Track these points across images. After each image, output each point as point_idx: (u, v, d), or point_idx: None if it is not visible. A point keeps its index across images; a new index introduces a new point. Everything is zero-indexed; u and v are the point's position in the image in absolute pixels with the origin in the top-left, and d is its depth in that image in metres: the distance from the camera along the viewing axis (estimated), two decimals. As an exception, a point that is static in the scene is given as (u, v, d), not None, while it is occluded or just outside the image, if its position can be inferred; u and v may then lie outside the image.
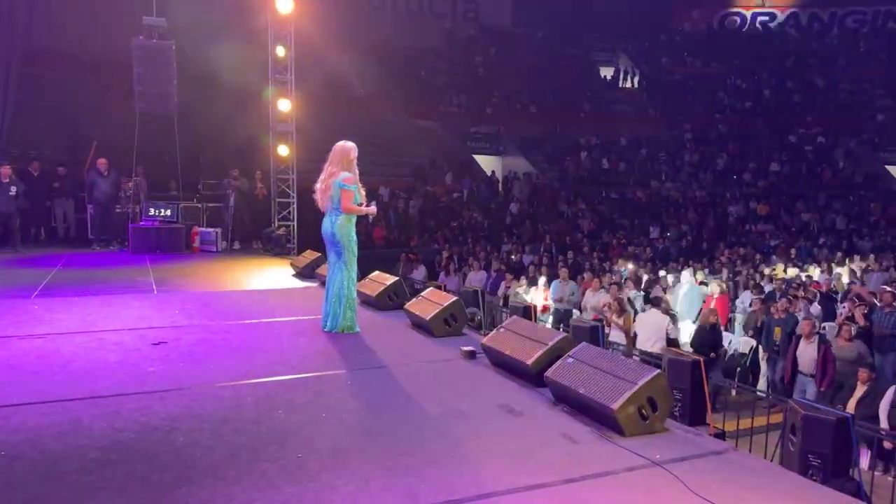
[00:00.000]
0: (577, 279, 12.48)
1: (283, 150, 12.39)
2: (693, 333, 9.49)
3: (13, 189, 10.85)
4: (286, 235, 12.22)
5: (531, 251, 16.94)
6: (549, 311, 11.58)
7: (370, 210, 5.86)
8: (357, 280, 5.89)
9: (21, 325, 5.69)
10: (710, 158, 26.55)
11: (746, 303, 11.28)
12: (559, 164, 25.56)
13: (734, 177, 25.55)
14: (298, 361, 4.84)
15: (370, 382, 4.45)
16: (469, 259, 14.93)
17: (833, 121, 28.41)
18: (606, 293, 10.66)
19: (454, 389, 4.36)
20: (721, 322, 10.22)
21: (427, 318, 5.79)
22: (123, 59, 12.72)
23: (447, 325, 5.80)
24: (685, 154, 26.84)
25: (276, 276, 9.28)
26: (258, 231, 12.81)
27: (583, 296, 11.44)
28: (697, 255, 17.30)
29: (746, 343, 9.69)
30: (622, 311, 9.55)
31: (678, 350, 6.74)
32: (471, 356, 5.05)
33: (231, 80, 14.72)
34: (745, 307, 11.14)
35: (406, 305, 6.35)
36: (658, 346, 8.64)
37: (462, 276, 13.76)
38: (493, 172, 24.45)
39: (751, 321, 10.08)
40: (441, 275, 13.78)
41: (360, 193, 5.64)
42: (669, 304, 9.68)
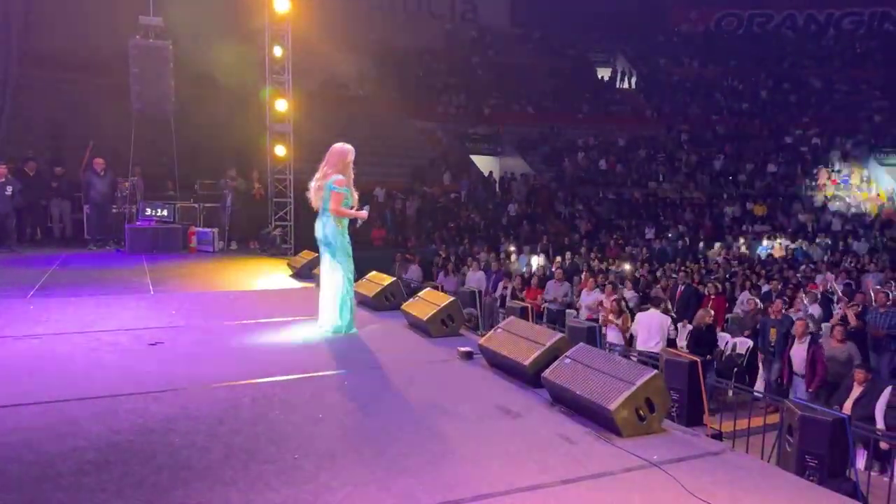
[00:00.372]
0: (574, 280, 12.49)
1: (281, 151, 12.38)
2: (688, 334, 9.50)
3: (9, 189, 10.83)
4: (283, 236, 12.21)
5: (529, 252, 16.95)
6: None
7: (360, 214, 5.68)
8: (354, 280, 5.87)
9: (17, 326, 5.66)
10: (707, 159, 26.61)
11: (743, 304, 11.30)
12: (557, 165, 25.58)
13: (731, 178, 25.61)
14: (295, 362, 4.82)
15: (367, 383, 4.44)
16: (468, 260, 14.93)
17: (829, 122, 28.50)
18: (601, 293, 10.68)
19: (451, 390, 4.35)
20: (718, 322, 10.25)
21: (424, 319, 5.78)
22: (120, 59, 12.71)
23: (444, 326, 5.80)
24: (682, 155, 26.89)
25: (273, 277, 9.27)
26: (255, 231, 12.79)
27: (578, 296, 11.46)
28: (693, 256, 17.34)
29: (743, 344, 9.71)
30: (620, 312, 9.56)
31: (675, 351, 6.75)
32: (468, 357, 5.05)
33: (228, 81, 14.70)
34: (744, 308, 11.15)
35: (403, 306, 6.34)
36: (659, 346, 8.66)
37: (461, 277, 13.76)
38: (491, 173, 24.45)
39: (747, 322, 10.09)
40: (440, 275, 13.78)
41: (353, 197, 5.60)
42: (668, 304, 9.68)
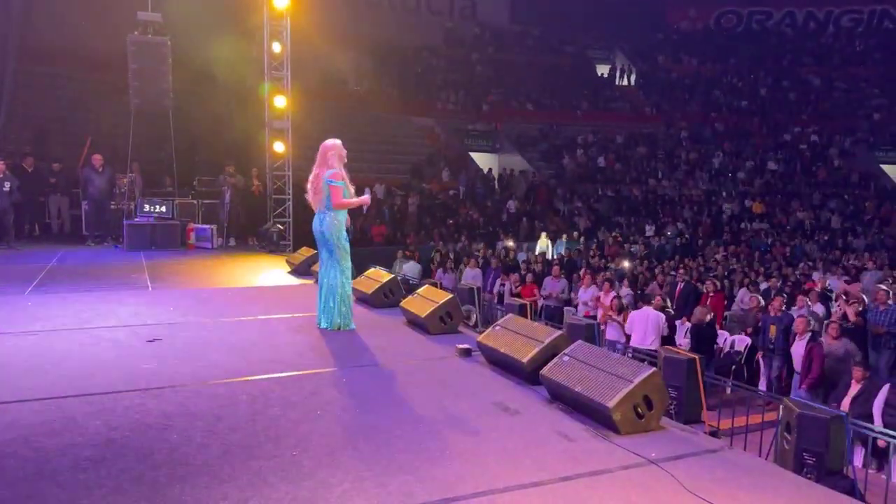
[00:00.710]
0: (573, 277, 12.48)
1: (279, 147, 12.36)
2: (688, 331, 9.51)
3: (7, 185, 10.81)
4: (282, 232, 12.20)
5: (528, 249, 16.95)
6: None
7: (363, 200, 5.78)
8: (352, 277, 5.87)
9: (14, 322, 5.66)
10: (706, 157, 26.59)
11: (742, 301, 11.31)
12: (556, 162, 25.56)
13: (730, 175, 25.60)
14: (293, 359, 4.83)
15: (365, 380, 4.44)
16: (465, 257, 14.92)
17: (828, 120, 28.50)
18: (599, 289, 10.68)
19: (449, 387, 4.35)
20: (717, 320, 10.25)
21: (423, 316, 5.78)
22: (119, 55, 12.67)
23: (443, 323, 5.79)
24: (681, 152, 26.87)
25: (272, 274, 9.26)
26: (254, 228, 12.78)
27: (576, 292, 11.46)
28: (692, 254, 17.35)
29: (741, 341, 9.72)
30: (621, 309, 9.56)
31: (674, 348, 6.75)
32: (466, 354, 5.04)
33: (227, 77, 14.65)
34: (741, 306, 11.16)
35: (402, 303, 6.34)
36: (655, 344, 8.67)
37: (459, 274, 13.76)
38: (490, 170, 24.44)
39: (749, 319, 10.10)
40: (438, 272, 13.77)
41: (349, 190, 5.61)
42: (661, 301, 9.67)
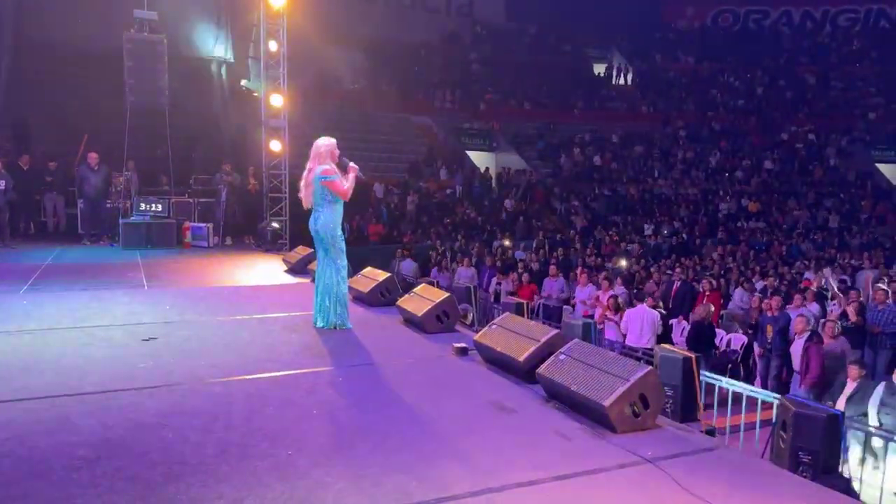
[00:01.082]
0: (570, 276, 12.49)
1: (276, 146, 12.34)
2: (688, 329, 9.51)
3: (2, 183, 10.77)
4: (278, 231, 12.18)
5: (524, 248, 16.95)
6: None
7: (354, 172, 5.58)
8: (348, 275, 5.85)
9: (9, 321, 5.64)
10: (703, 156, 26.62)
11: (737, 300, 11.32)
12: (553, 161, 25.57)
13: (726, 174, 25.63)
14: (290, 358, 4.82)
15: (361, 379, 4.44)
16: (458, 256, 14.91)
17: (825, 119, 28.55)
18: (596, 288, 10.69)
19: (446, 386, 4.35)
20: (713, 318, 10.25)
21: (419, 315, 5.78)
22: (114, 53, 12.63)
23: (439, 322, 5.79)
24: (678, 151, 26.88)
25: (268, 272, 9.25)
26: (250, 226, 12.75)
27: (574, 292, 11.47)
28: (688, 252, 17.36)
29: (738, 340, 9.74)
30: (618, 309, 9.55)
31: (670, 346, 6.75)
32: (463, 353, 5.04)
33: (222, 75, 14.65)
34: (738, 304, 11.17)
35: (398, 302, 6.34)
36: (651, 342, 8.67)
37: (452, 272, 13.75)
38: (487, 169, 24.44)
39: (748, 318, 10.12)
40: (433, 271, 13.76)
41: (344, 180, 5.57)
42: (652, 301, 9.67)
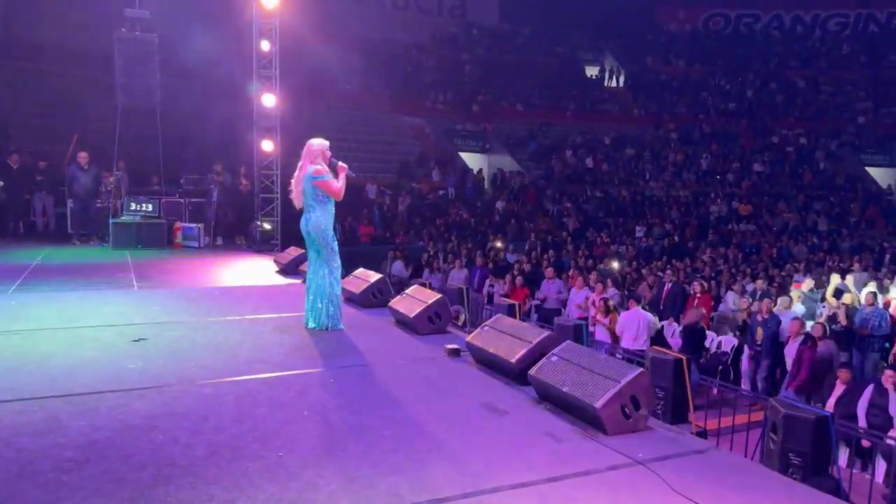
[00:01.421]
0: (563, 277, 12.50)
1: (268, 146, 12.29)
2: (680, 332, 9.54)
3: (-9, 183, 10.70)
4: (270, 231, 12.13)
5: (514, 250, 16.95)
6: None
7: (342, 169, 5.55)
8: (340, 276, 5.84)
9: (-3, 321, 5.58)
10: (694, 158, 26.76)
11: (729, 303, 11.36)
12: (545, 163, 25.62)
13: (717, 177, 25.77)
14: (281, 359, 4.80)
15: (353, 380, 4.42)
16: (449, 258, 14.90)
17: (815, 122, 28.75)
18: (591, 291, 10.71)
19: (438, 388, 4.34)
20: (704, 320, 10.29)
21: (411, 316, 5.77)
22: (105, 52, 12.56)
23: (431, 323, 5.78)
24: (669, 154, 27.01)
25: (259, 273, 9.21)
26: (241, 227, 12.70)
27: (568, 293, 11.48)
28: (679, 254, 17.42)
29: (728, 342, 9.78)
30: (608, 311, 9.59)
31: (661, 348, 6.78)
32: (455, 354, 5.04)
33: (215, 74, 14.58)
34: (729, 307, 11.21)
35: (390, 303, 6.32)
36: (646, 344, 8.71)
37: (445, 274, 13.74)
38: (480, 170, 24.45)
39: (739, 321, 10.17)
40: (425, 272, 13.75)
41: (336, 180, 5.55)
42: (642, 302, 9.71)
